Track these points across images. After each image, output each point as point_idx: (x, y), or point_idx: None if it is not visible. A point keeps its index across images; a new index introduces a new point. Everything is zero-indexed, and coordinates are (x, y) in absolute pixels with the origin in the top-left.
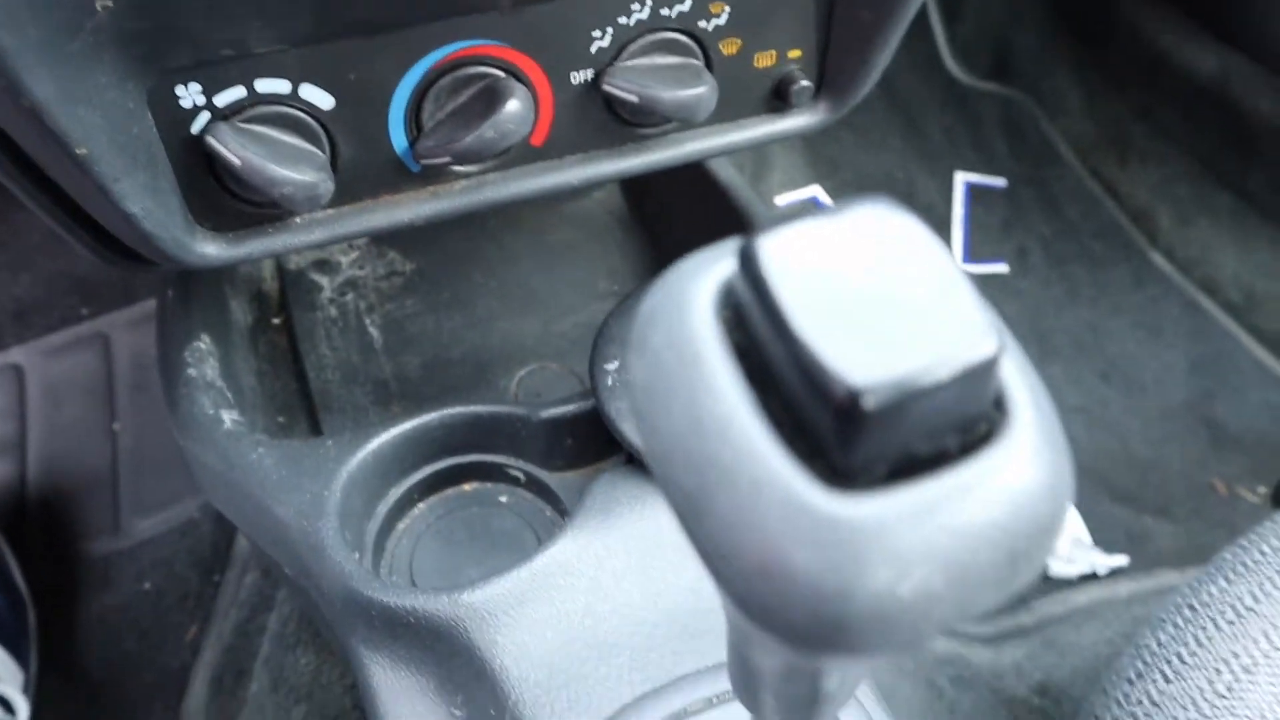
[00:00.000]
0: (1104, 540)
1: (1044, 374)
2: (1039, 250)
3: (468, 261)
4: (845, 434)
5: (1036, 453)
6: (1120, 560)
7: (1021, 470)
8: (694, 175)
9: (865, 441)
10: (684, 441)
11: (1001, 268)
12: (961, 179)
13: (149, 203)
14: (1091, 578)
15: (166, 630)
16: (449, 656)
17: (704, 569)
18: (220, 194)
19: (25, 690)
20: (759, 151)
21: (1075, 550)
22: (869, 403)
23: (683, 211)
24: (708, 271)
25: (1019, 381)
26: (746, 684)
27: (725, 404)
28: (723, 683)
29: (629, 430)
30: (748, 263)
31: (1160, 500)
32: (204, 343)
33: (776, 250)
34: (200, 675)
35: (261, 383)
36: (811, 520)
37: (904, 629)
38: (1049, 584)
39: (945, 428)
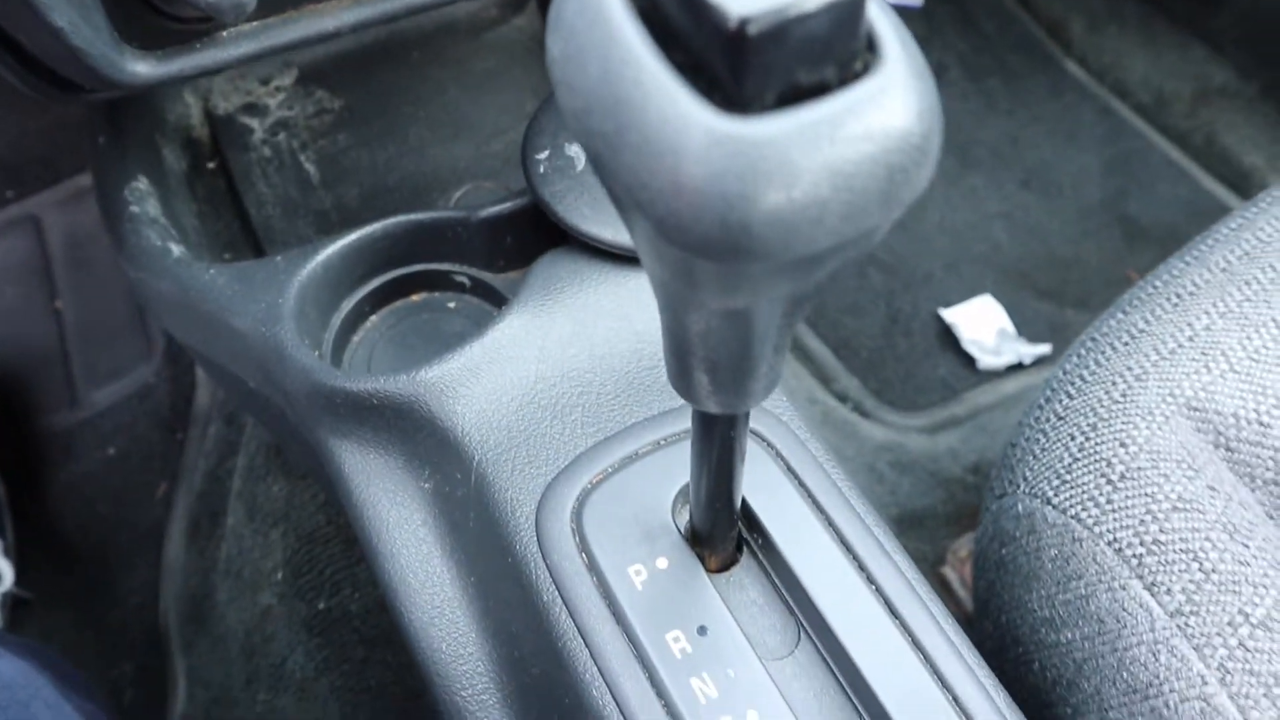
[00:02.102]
0: (1029, 333)
1: (966, 184)
2: (957, 66)
3: (395, 95)
4: (736, 63)
5: (906, 82)
6: (1044, 349)
7: (893, 96)
8: None
9: (753, 68)
10: (599, 92)
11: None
12: None
13: (74, 15)
14: (1018, 367)
15: (136, 490)
16: (413, 433)
17: (625, 208)
18: (145, 10)
19: (7, 554)
20: None
21: (1002, 343)
22: (753, 29)
23: None
24: None
25: (888, 26)
26: (681, 369)
27: (633, 55)
28: (669, 427)
29: (563, 210)
30: None
31: (1080, 293)
32: (142, 183)
33: None
34: (176, 526)
35: (204, 224)
36: (712, 140)
37: (800, 231)
38: (979, 376)
39: (823, 59)
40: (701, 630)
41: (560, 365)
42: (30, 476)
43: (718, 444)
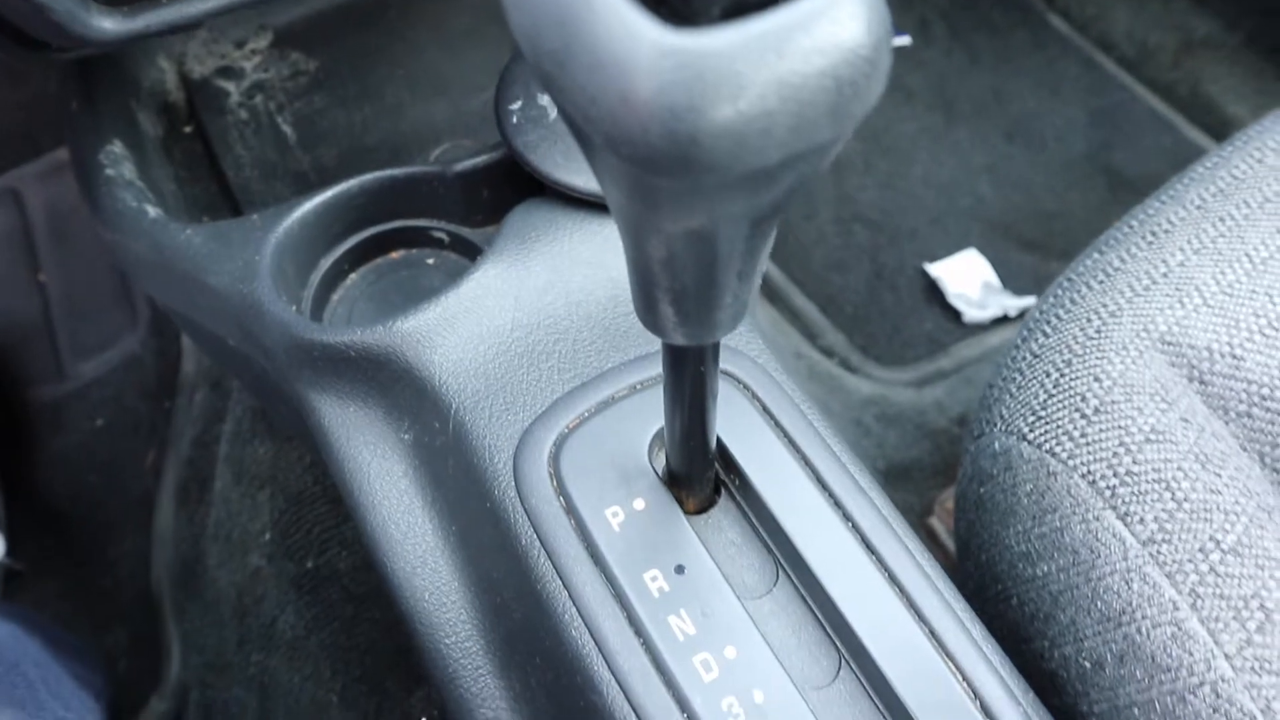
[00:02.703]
0: (1014, 285)
1: (950, 139)
2: (940, 21)
3: (372, 56)
4: None
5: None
6: (1029, 301)
7: (843, 9)
8: None
9: None
10: (547, 10)
11: (905, 40)
12: None
13: None
14: (1004, 320)
15: (125, 460)
16: (391, 384)
17: (578, 128)
18: None
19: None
20: None
21: (987, 295)
22: None
23: None
24: None
25: None
26: (647, 300)
27: None
28: (645, 371)
29: (537, 160)
30: None
31: (1064, 245)
32: (117, 147)
33: None
34: (165, 493)
35: (181, 188)
36: (659, 53)
37: (749, 143)
38: (965, 330)
39: None
40: (679, 569)
41: (536, 313)
42: (19, 449)
43: (689, 380)
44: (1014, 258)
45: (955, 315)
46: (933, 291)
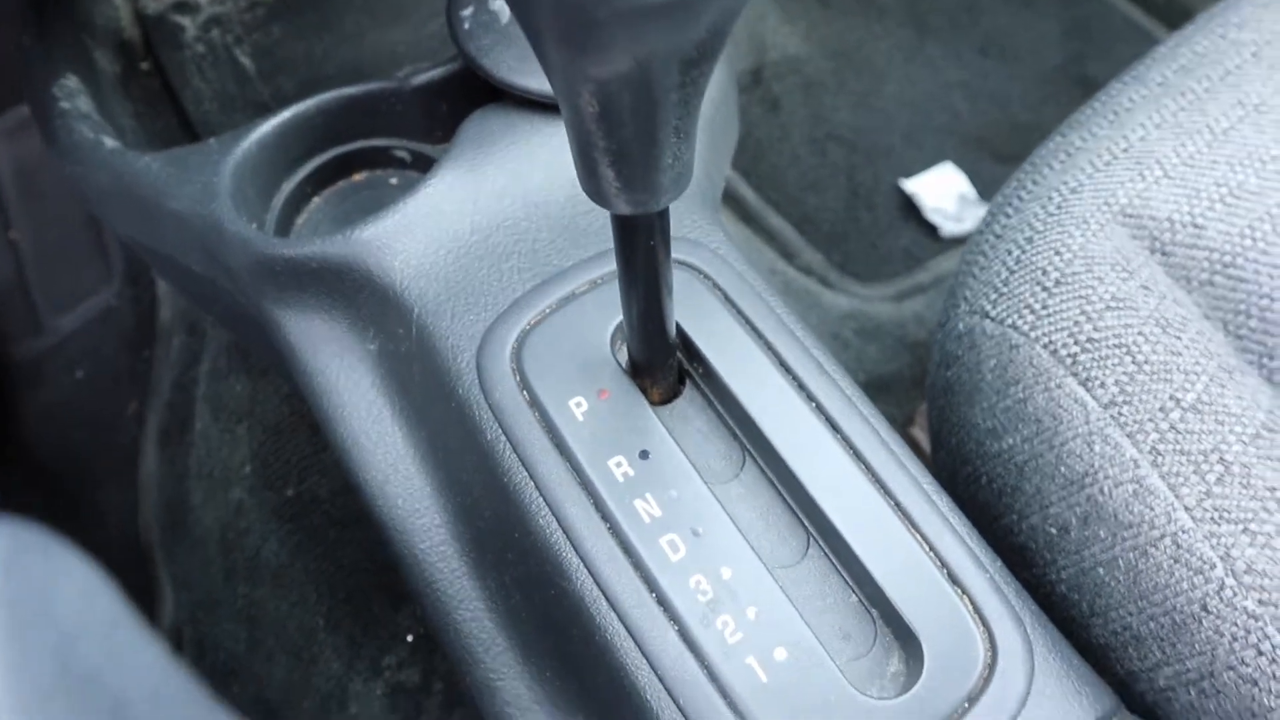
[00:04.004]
0: (990, 198)
1: (923, 55)
2: None
3: None
4: None
5: None
6: None
7: None
8: None
9: None
10: None
11: None
12: None
13: None
14: None
15: (108, 411)
16: (354, 294)
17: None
18: None
19: None
20: None
21: (964, 209)
22: None
23: None
24: None
25: None
26: (587, 164)
27: None
28: (606, 266)
29: (490, 64)
30: None
31: None
32: (71, 81)
33: None
34: (148, 440)
35: (141, 123)
36: None
37: None
38: (943, 244)
39: None
40: (643, 455)
41: (495, 216)
42: (3, 405)
43: (641, 257)
44: (990, 170)
45: (932, 230)
46: (909, 207)
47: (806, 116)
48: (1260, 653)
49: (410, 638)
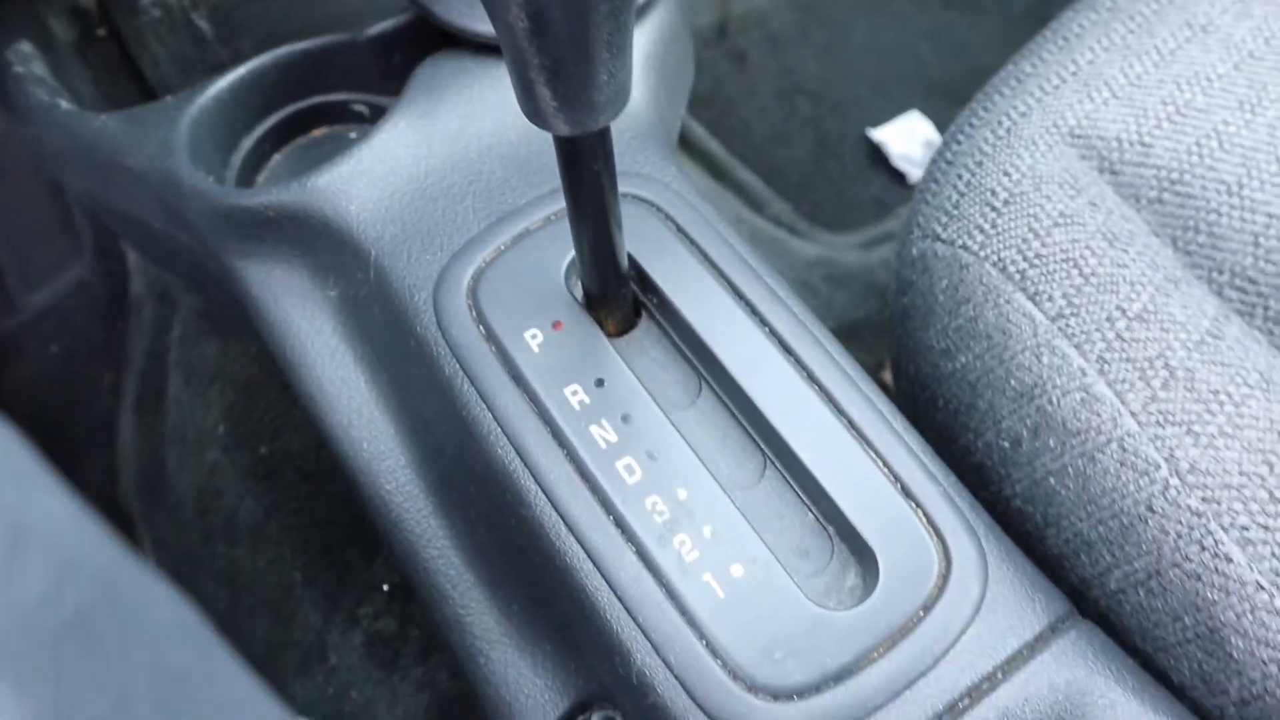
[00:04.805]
0: None
1: (890, 8)
2: None
3: None
4: None
5: None
6: None
7: None
8: None
9: None
10: None
11: None
12: None
13: None
14: None
15: (84, 384)
16: (312, 240)
17: None
18: None
19: None
20: None
21: (930, 156)
22: None
23: None
24: None
25: None
26: (524, 84)
27: None
28: (558, 202)
29: (440, 9)
30: None
31: None
32: (25, 46)
33: None
34: (125, 410)
35: (99, 89)
36: None
37: None
38: (911, 191)
39: None
40: (599, 383)
41: (449, 158)
42: None
43: (587, 183)
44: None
45: (900, 178)
46: (877, 156)
47: (773, 69)
48: (1204, 548)
49: (386, 587)
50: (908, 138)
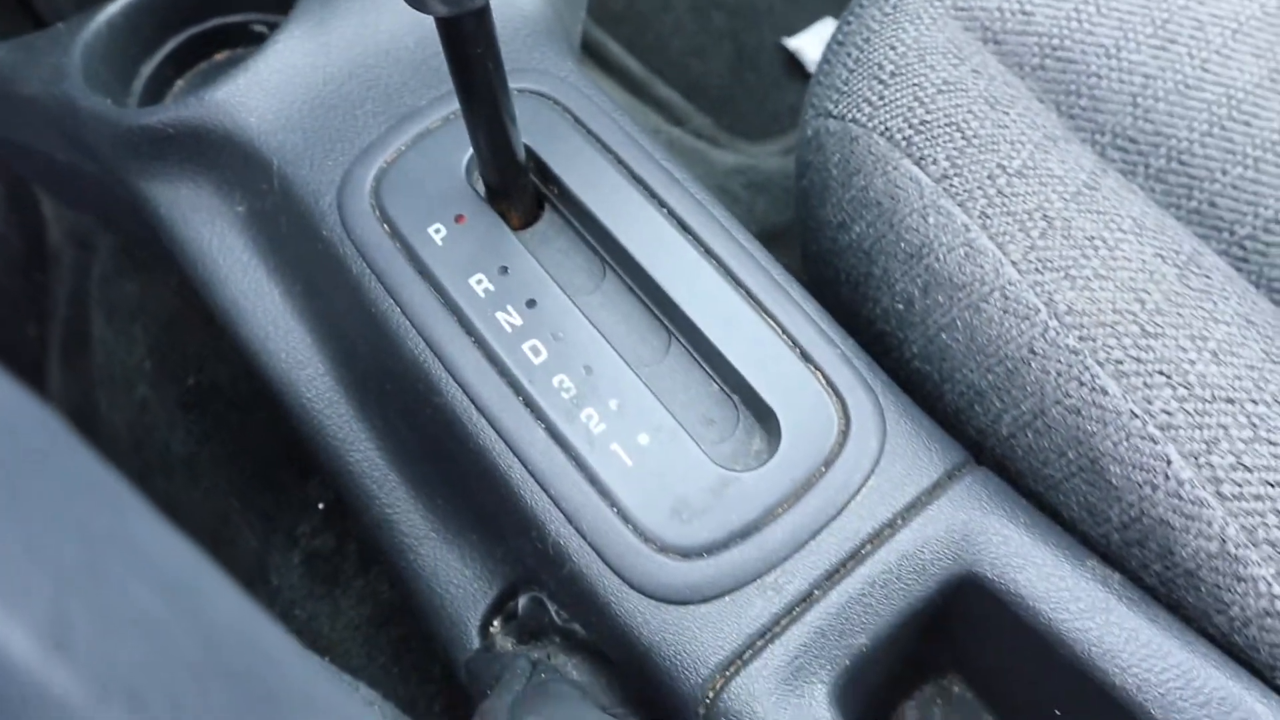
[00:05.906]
0: None
1: None
2: None
3: None
4: None
5: None
6: None
7: None
8: None
9: None
10: None
11: None
12: None
13: None
14: None
15: (8, 338)
16: (215, 156)
17: None
18: None
19: None
20: None
21: None
22: None
23: None
24: None
25: None
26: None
27: None
28: (456, 103)
29: None
30: None
31: None
32: None
33: None
34: (52, 359)
35: None
36: None
37: None
38: None
39: None
40: (503, 270)
41: (346, 64)
42: None
43: (476, 72)
44: None
45: None
46: (794, 64)
47: None
48: (1082, 384)
49: (321, 505)
50: (823, 44)
